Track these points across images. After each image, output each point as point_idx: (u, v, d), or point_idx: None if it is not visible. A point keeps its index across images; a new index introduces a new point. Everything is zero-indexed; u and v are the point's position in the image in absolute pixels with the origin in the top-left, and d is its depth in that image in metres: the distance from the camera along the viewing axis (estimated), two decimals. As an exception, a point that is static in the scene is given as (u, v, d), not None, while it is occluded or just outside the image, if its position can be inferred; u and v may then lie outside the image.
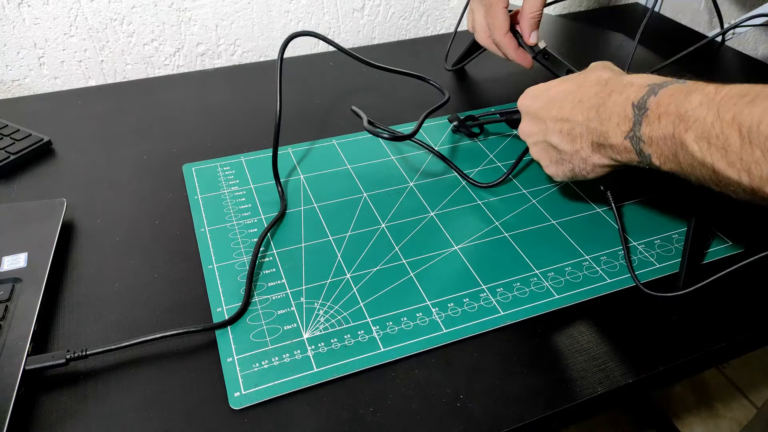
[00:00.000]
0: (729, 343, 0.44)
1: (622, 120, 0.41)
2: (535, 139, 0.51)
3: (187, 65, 0.83)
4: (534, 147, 0.52)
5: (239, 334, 0.44)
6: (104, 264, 0.50)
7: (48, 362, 0.40)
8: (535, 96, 0.51)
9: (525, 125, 0.52)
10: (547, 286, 0.48)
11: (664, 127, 0.38)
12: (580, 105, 0.45)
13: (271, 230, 0.53)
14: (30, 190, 0.58)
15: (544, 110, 0.49)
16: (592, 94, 0.45)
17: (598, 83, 0.45)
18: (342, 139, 0.66)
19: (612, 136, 0.42)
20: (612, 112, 0.42)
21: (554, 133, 0.48)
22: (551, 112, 0.48)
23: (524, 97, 0.52)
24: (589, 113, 0.44)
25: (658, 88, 0.40)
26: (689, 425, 1.18)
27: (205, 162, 0.62)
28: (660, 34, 0.90)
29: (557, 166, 0.49)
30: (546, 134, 0.49)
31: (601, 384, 0.41)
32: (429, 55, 0.84)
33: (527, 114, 0.52)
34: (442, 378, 0.41)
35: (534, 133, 0.51)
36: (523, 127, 0.52)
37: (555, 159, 0.49)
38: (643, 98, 0.40)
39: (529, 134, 0.52)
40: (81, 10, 0.74)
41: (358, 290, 0.48)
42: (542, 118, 0.49)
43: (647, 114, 0.39)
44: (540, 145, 0.50)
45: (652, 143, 0.39)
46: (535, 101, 0.50)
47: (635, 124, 0.40)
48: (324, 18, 0.86)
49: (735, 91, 0.34)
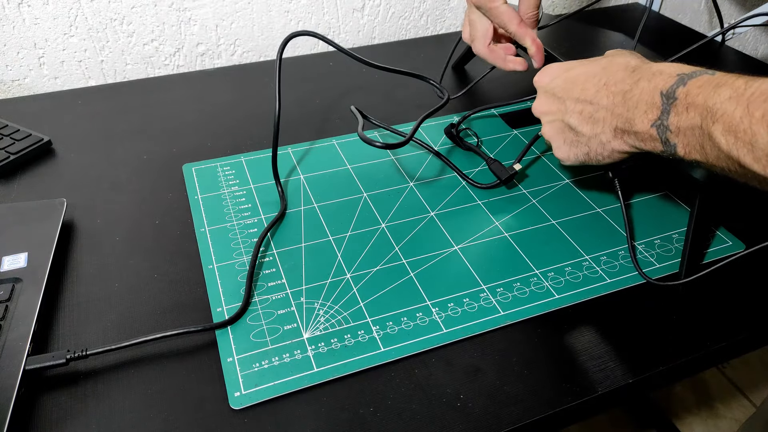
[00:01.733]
0: (729, 343, 0.44)
1: (649, 108, 0.41)
2: (551, 118, 0.50)
3: (187, 65, 0.83)
4: (548, 125, 0.50)
5: (239, 334, 0.44)
6: (104, 264, 0.50)
7: (48, 362, 0.40)
8: (554, 74, 0.50)
9: (541, 103, 0.51)
10: (547, 286, 0.48)
11: (691, 118, 0.38)
12: (606, 89, 0.45)
13: (271, 230, 0.53)
14: (30, 190, 0.58)
15: (565, 90, 0.48)
16: (618, 79, 0.44)
17: (626, 69, 0.45)
18: (342, 139, 0.66)
19: (638, 123, 0.42)
20: (640, 99, 0.42)
21: (574, 113, 0.47)
22: (572, 93, 0.47)
23: (543, 74, 0.51)
24: (615, 98, 0.44)
25: (687, 78, 0.39)
26: (689, 425, 1.18)
27: (205, 162, 0.62)
28: (660, 34, 0.90)
29: (571, 147, 0.49)
30: (564, 114, 0.48)
31: (601, 384, 0.41)
32: (429, 55, 0.84)
33: (545, 92, 0.50)
34: (442, 378, 0.41)
35: (551, 111, 0.50)
36: (539, 105, 0.51)
37: (570, 140, 0.49)
38: (672, 87, 0.40)
39: (545, 112, 0.50)
40: (81, 10, 0.74)
41: (358, 290, 0.48)
42: (562, 97, 0.48)
43: (675, 104, 0.39)
44: (555, 125, 0.49)
45: (679, 133, 0.39)
46: (555, 79, 0.49)
47: (663, 113, 0.40)
48: (324, 18, 0.86)
49: (765, 87, 0.34)
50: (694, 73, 0.39)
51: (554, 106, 0.49)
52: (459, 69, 0.81)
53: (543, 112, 0.51)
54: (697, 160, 0.39)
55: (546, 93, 0.50)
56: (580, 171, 0.61)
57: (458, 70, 0.81)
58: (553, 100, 0.49)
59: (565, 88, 0.48)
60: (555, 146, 0.50)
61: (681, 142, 0.40)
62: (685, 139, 0.39)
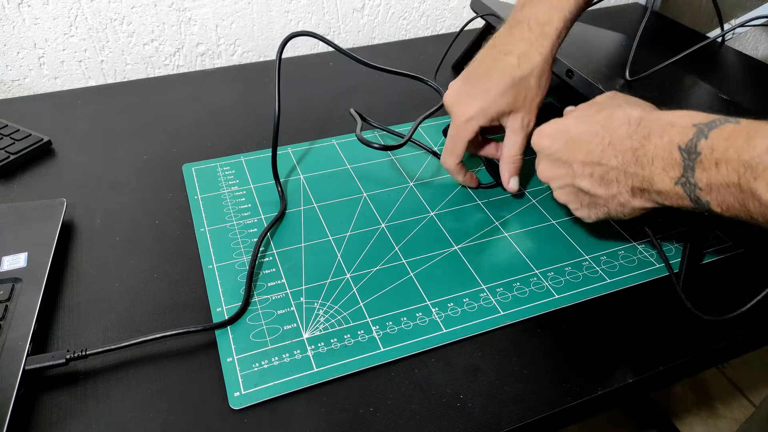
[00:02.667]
0: (729, 343, 0.44)
1: (668, 165, 0.38)
2: (560, 183, 0.47)
3: (187, 65, 0.83)
4: (560, 191, 0.47)
5: (239, 334, 0.44)
6: (104, 264, 0.50)
7: (48, 362, 0.40)
8: (552, 136, 0.46)
9: (546, 168, 0.48)
10: (546, 286, 0.48)
11: (725, 175, 0.35)
12: (612, 148, 0.42)
13: (271, 230, 0.53)
14: (30, 190, 0.58)
15: (568, 153, 0.45)
16: (623, 136, 0.41)
17: (628, 123, 0.41)
18: (342, 139, 0.66)
19: (658, 181, 0.39)
20: (654, 155, 0.39)
21: (584, 177, 0.44)
22: (577, 156, 0.44)
23: (539, 136, 0.48)
24: (625, 157, 0.41)
25: (707, 129, 0.36)
26: (689, 425, 1.18)
27: (205, 162, 0.62)
28: (659, 34, 0.90)
29: (590, 209, 0.46)
30: (574, 178, 0.45)
31: (601, 384, 0.41)
32: (429, 55, 0.84)
33: (547, 156, 0.47)
34: (442, 378, 0.41)
35: (558, 176, 0.46)
36: (545, 170, 0.48)
37: (587, 203, 0.46)
38: (691, 141, 0.37)
39: (552, 178, 0.47)
40: (81, 10, 0.74)
41: (358, 290, 0.48)
42: (567, 161, 0.45)
43: (700, 159, 0.36)
44: (567, 190, 0.46)
45: (711, 190, 0.36)
46: (554, 142, 0.46)
47: (686, 170, 0.37)
48: (324, 18, 0.86)
49: None
50: (714, 123, 0.36)
51: (561, 171, 0.46)
52: (459, 69, 0.81)
53: (550, 177, 0.47)
54: (737, 216, 0.36)
55: (548, 157, 0.47)
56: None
57: (458, 70, 0.81)
58: (558, 164, 0.46)
59: (568, 151, 0.45)
60: (573, 209, 0.47)
61: (715, 199, 0.37)
62: (719, 196, 0.36)
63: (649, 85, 0.61)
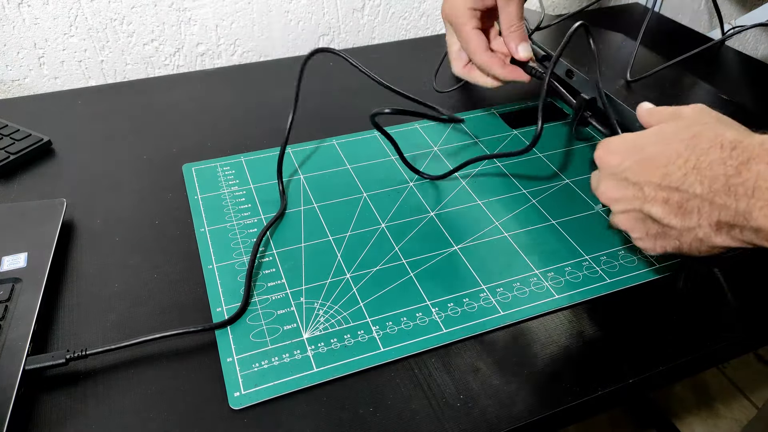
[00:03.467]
0: (729, 343, 0.44)
1: None
2: (625, 206, 0.41)
3: (187, 65, 0.83)
4: (623, 215, 0.42)
5: (239, 334, 0.44)
6: (104, 264, 0.50)
7: (48, 362, 0.40)
8: (622, 153, 0.41)
9: (609, 187, 0.42)
10: (547, 286, 0.48)
11: None
12: (697, 173, 0.36)
13: (271, 230, 0.53)
14: (30, 190, 0.58)
15: (640, 174, 0.39)
16: (714, 160, 0.36)
17: (721, 146, 0.36)
18: (342, 139, 0.66)
19: (759, 218, 0.34)
20: (756, 186, 0.34)
21: (656, 203, 0.39)
22: (651, 177, 0.39)
23: (605, 151, 0.42)
24: (713, 185, 0.36)
25: None
26: (689, 425, 1.18)
27: (205, 162, 0.62)
28: (660, 34, 0.90)
29: (657, 240, 0.41)
30: (643, 203, 0.39)
31: (601, 384, 0.41)
32: (429, 56, 0.84)
33: (612, 175, 0.42)
34: (442, 378, 0.41)
35: (624, 198, 0.41)
36: (608, 190, 0.42)
37: (655, 233, 0.41)
38: None
39: (616, 199, 0.42)
40: (81, 10, 0.74)
41: (358, 290, 0.48)
42: (638, 182, 0.40)
43: None
44: (633, 215, 0.41)
45: None
46: (624, 160, 0.41)
47: None
48: (324, 18, 0.86)
49: None
50: None
51: (628, 193, 0.40)
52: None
53: (613, 198, 0.42)
54: None
55: (614, 176, 0.42)
56: (580, 172, 0.61)
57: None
58: (626, 185, 0.41)
59: (640, 171, 0.39)
60: (635, 237, 0.42)
61: None
62: None
63: (649, 85, 0.61)
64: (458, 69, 0.60)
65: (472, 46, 0.55)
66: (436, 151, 0.64)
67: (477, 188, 0.59)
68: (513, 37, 0.55)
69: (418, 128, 0.68)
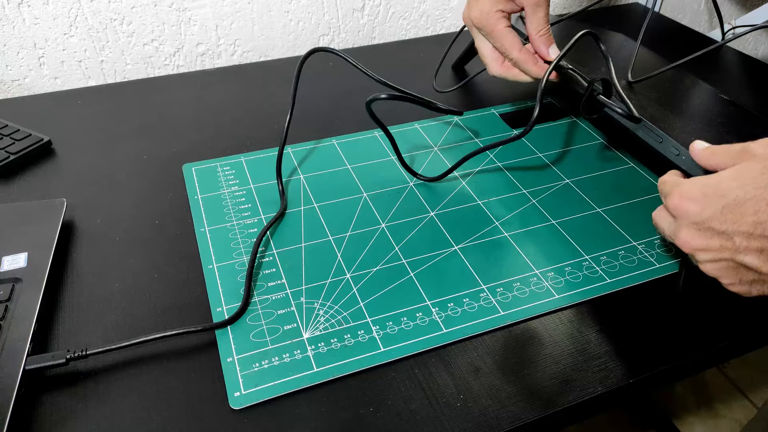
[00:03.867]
0: (729, 343, 0.44)
1: None
2: (714, 256, 0.39)
3: (187, 65, 0.83)
4: (711, 264, 0.39)
5: (239, 334, 0.44)
6: (104, 264, 0.50)
7: (48, 362, 0.40)
8: (701, 201, 0.38)
9: (692, 237, 0.39)
10: (547, 286, 0.48)
11: None
12: None
13: (271, 230, 0.53)
14: (30, 190, 0.58)
15: (727, 223, 0.37)
16: None
17: None
18: (342, 139, 0.66)
19: None
20: None
21: (749, 253, 0.37)
22: (741, 226, 0.36)
23: (680, 198, 0.40)
24: None
25: None
26: (689, 425, 1.18)
27: (205, 162, 0.62)
28: (660, 35, 0.90)
29: (752, 285, 0.39)
30: (735, 253, 0.37)
31: (601, 384, 0.41)
32: (429, 56, 0.84)
33: (693, 223, 0.39)
34: (442, 378, 0.41)
35: (712, 248, 0.38)
36: (691, 239, 0.39)
37: (750, 279, 0.39)
38: None
39: (702, 249, 0.39)
40: (81, 10, 0.74)
41: (358, 290, 0.48)
42: (726, 232, 0.37)
43: None
44: (723, 264, 0.39)
45: None
46: (705, 208, 0.38)
47: None
48: (324, 18, 0.86)
49: None
50: None
51: (716, 243, 0.38)
52: (459, 69, 0.81)
53: (699, 248, 0.39)
54: None
55: (696, 225, 0.39)
56: (580, 172, 0.61)
57: (458, 70, 0.81)
58: (711, 234, 0.38)
59: (726, 220, 0.37)
60: (726, 283, 0.40)
61: None
62: None
63: (649, 85, 0.61)
64: (496, 68, 0.62)
65: (507, 43, 0.58)
66: (436, 151, 0.64)
67: (477, 188, 0.59)
68: (543, 41, 0.57)
69: (418, 128, 0.68)
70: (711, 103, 0.62)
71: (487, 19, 0.57)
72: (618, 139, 0.65)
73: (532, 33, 0.57)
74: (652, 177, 0.60)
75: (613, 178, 0.60)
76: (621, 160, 0.62)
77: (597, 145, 0.65)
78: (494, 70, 0.62)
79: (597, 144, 0.65)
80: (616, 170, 0.61)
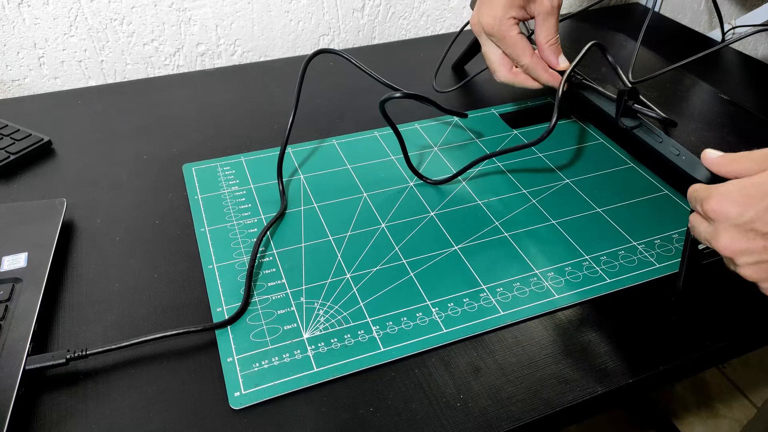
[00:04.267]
0: (729, 343, 0.44)
1: None
2: (755, 259, 0.38)
3: (187, 65, 0.83)
4: (751, 267, 0.39)
5: (239, 334, 0.44)
6: (104, 264, 0.50)
7: (48, 362, 0.40)
8: (741, 202, 0.37)
9: (733, 241, 0.38)
10: (546, 286, 0.48)
11: None
12: None
13: (271, 230, 0.53)
14: (30, 190, 0.58)
15: None
16: None
17: None
18: (342, 139, 0.66)
19: None
20: None
21: None
22: None
23: (719, 201, 0.38)
24: None
25: None
26: (689, 425, 1.18)
27: (205, 162, 0.62)
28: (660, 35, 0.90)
29: None
30: None
31: (601, 384, 0.41)
32: (429, 56, 0.84)
33: (733, 225, 0.38)
34: (442, 378, 0.41)
35: (754, 251, 0.38)
36: (731, 242, 0.38)
37: None
38: None
39: (743, 252, 0.38)
40: (81, 10, 0.74)
41: (358, 290, 0.48)
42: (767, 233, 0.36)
43: None
44: (765, 266, 0.38)
45: None
46: (746, 209, 0.37)
47: None
48: (324, 18, 0.86)
49: None
50: None
51: (757, 245, 0.37)
52: (459, 69, 0.81)
53: (740, 251, 0.38)
54: None
55: (736, 228, 0.38)
56: (580, 172, 0.61)
57: (458, 70, 0.81)
58: (752, 236, 0.37)
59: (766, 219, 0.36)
60: (764, 288, 0.40)
61: None
62: None
63: (649, 85, 0.61)
64: (504, 74, 0.62)
65: (520, 49, 0.58)
66: (436, 151, 0.64)
67: (477, 188, 0.59)
68: (552, 50, 0.58)
69: (418, 128, 0.68)
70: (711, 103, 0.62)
71: (499, 25, 0.57)
72: (618, 139, 0.65)
73: (542, 42, 0.58)
74: (652, 177, 0.60)
75: (613, 178, 0.60)
76: (621, 160, 0.62)
77: (597, 145, 0.65)
78: (502, 76, 0.62)
79: (597, 144, 0.65)
80: (616, 170, 0.61)
